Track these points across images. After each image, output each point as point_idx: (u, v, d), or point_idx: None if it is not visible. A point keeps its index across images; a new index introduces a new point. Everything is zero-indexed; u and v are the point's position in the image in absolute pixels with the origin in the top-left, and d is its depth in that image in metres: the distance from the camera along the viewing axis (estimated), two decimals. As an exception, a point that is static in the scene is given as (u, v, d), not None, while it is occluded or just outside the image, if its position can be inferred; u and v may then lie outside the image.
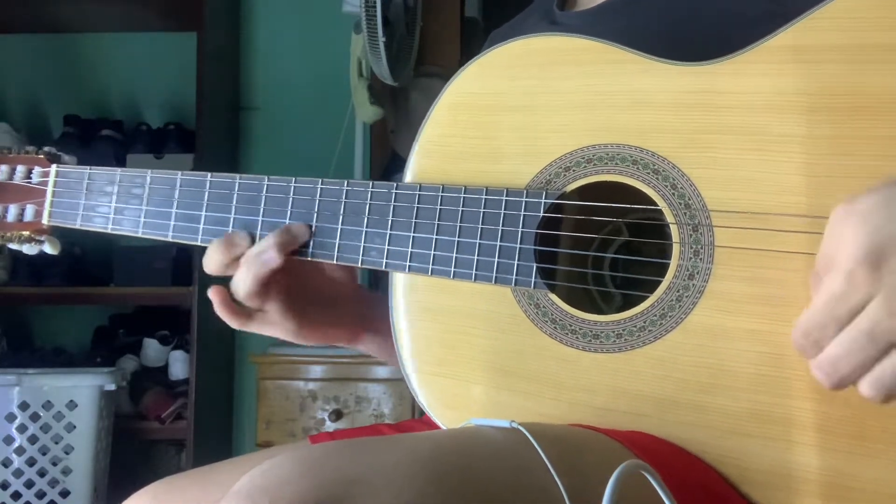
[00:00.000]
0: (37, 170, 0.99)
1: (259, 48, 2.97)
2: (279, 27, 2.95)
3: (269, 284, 0.87)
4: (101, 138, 2.82)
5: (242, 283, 0.86)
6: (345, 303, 0.94)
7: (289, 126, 2.91)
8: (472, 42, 2.70)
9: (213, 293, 0.87)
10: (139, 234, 0.94)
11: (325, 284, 0.93)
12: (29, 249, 1.01)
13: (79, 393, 2.36)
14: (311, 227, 0.87)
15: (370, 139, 2.67)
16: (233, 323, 0.89)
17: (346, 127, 2.61)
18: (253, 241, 0.88)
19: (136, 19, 2.91)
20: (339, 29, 2.58)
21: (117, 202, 0.95)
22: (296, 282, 0.89)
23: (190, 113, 2.76)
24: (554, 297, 0.77)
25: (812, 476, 0.65)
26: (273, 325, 0.90)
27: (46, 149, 1.01)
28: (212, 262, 0.88)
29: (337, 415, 2.26)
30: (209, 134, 2.65)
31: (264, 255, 0.85)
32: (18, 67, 3.02)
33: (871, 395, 0.58)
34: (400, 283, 0.84)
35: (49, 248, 1.01)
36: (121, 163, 2.71)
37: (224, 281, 0.89)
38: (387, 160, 2.64)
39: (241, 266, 0.87)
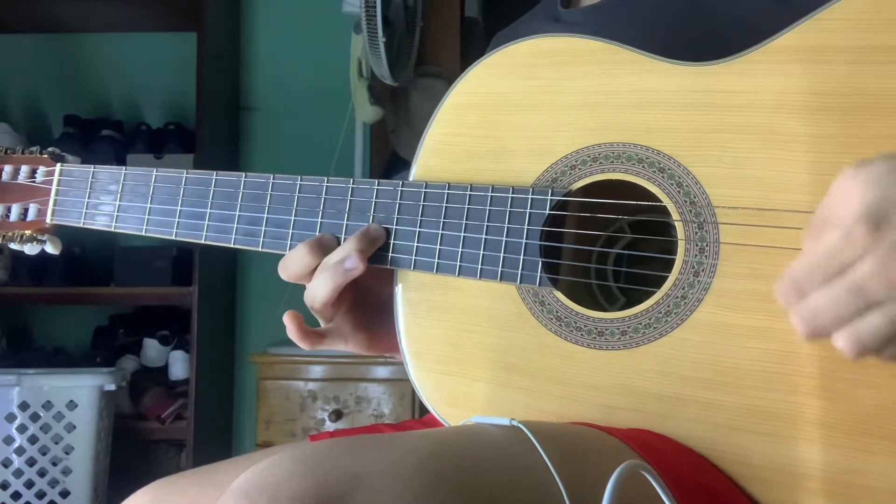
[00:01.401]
0: (41, 169, 1.00)
1: (259, 48, 2.97)
2: (279, 27, 2.95)
3: (341, 295, 0.84)
4: (101, 138, 2.81)
5: (321, 292, 0.82)
6: None
7: (289, 126, 2.90)
8: (472, 42, 2.70)
9: (288, 319, 0.84)
10: (143, 233, 0.93)
11: (384, 291, 0.89)
12: (30, 249, 1.00)
13: (79, 393, 2.35)
14: (388, 230, 0.84)
15: (370, 139, 2.67)
16: (305, 345, 0.85)
17: (346, 127, 2.61)
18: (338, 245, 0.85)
19: (136, 19, 2.91)
20: (339, 29, 2.58)
21: (121, 200, 0.95)
22: (362, 289, 0.87)
23: (190, 113, 2.76)
24: (559, 294, 0.77)
25: (816, 473, 0.65)
26: (345, 337, 0.87)
27: (51, 149, 1.01)
28: (299, 266, 0.84)
29: (337, 415, 2.26)
30: (209, 134, 2.64)
31: (347, 262, 0.81)
32: (18, 67, 3.01)
33: (845, 347, 0.56)
34: (404, 280, 0.84)
35: (51, 248, 1.01)
36: (121, 163, 2.71)
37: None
38: (387, 160, 2.64)
39: (318, 274, 0.83)
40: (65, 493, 2.34)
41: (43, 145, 1.03)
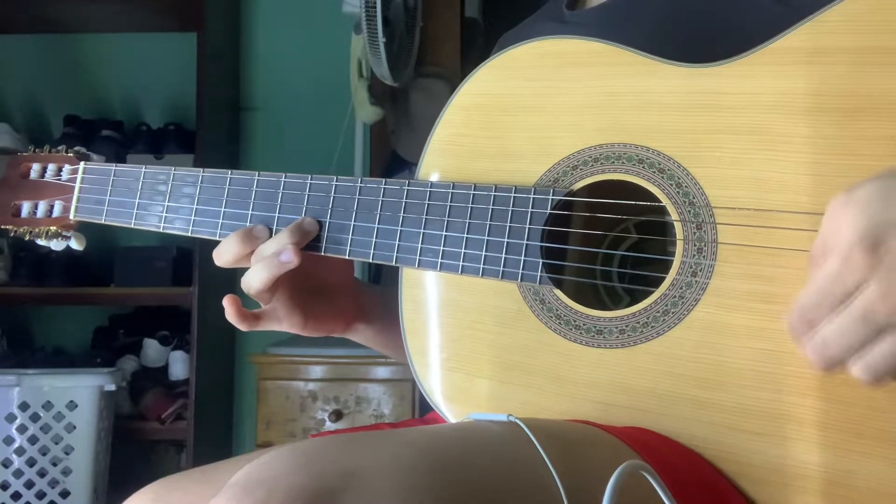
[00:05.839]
0: (66, 167, 1.03)
1: (259, 48, 2.97)
2: (279, 27, 2.95)
3: (278, 282, 0.88)
4: (101, 139, 2.81)
5: (256, 281, 0.87)
6: (343, 293, 0.95)
7: (289, 126, 2.91)
8: (473, 42, 2.70)
9: (228, 302, 0.88)
10: (161, 230, 0.96)
11: (326, 276, 0.93)
12: (56, 245, 1.04)
13: (79, 393, 2.35)
14: (321, 222, 0.88)
15: (370, 139, 2.67)
16: (243, 326, 0.90)
17: (346, 127, 2.61)
18: (271, 235, 0.89)
19: (136, 19, 2.91)
20: (339, 29, 2.58)
21: (141, 198, 0.97)
22: (300, 275, 0.90)
23: (190, 113, 2.76)
24: (559, 293, 0.78)
25: (810, 473, 0.66)
26: (279, 319, 0.91)
27: (77, 148, 1.05)
28: (228, 254, 0.89)
29: (337, 415, 2.26)
30: (209, 134, 2.64)
31: (283, 255, 0.85)
32: (18, 67, 3.01)
33: (862, 376, 0.58)
34: (409, 278, 0.85)
35: (75, 244, 1.05)
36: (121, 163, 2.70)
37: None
38: (387, 160, 2.64)
39: (255, 264, 0.87)
40: (65, 494, 2.34)
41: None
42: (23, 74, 3.01)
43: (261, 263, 0.87)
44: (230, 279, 3.02)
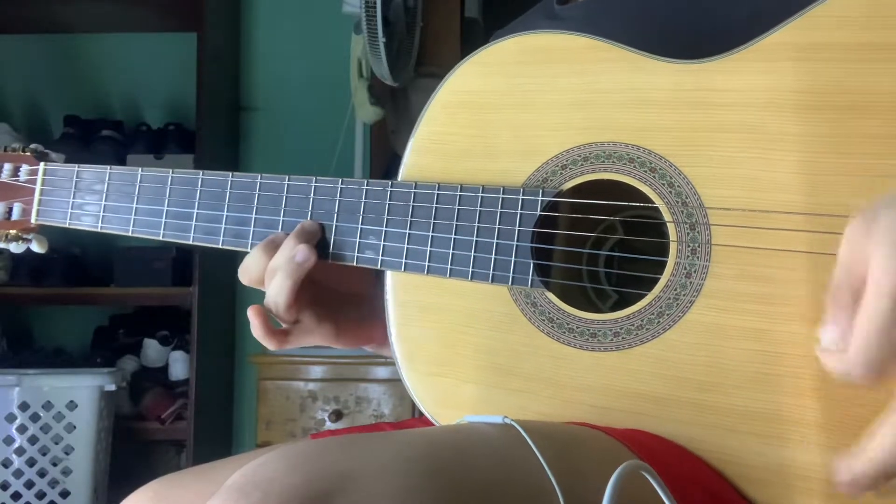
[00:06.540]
0: (24, 168, 0.98)
1: (259, 48, 2.97)
2: (279, 27, 2.95)
3: (299, 292, 0.83)
4: (101, 139, 2.82)
5: (282, 292, 0.82)
6: (371, 299, 0.91)
7: (289, 126, 2.91)
8: (472, 42, 2.70)
9: (252, 313, 0.83)
10: (129, 234, 0.93)
11: (347, 285, 0.90)
12: (16, 248, 0.99)
13: (79, 393, 2.36)
14: (321, 224, 0.85)
15: (370, 139, 2.67)
16: (271, 345, 0.85)
17: (346, 127, 2.61)
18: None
19: (136, 19, 2.92)
20: (339, 29, 2.59)
21: (107, 200, 0.93)
22: (320, 285, 0.87)
23: (190, 113, 2.77)
24: (551, 295, 0.77)
25: (810, 473, 0.65)
26: (311, 333, 0.86)
27: (33, 146, 1.00)
28: (256, 269, 0.85)
29: (337, 415, 2.26)
30: (209, 134, 2.65)
31: (297, 256, 0.82)
32: (18, 67, 3.02)
33: None
34: (395, 282, 0.84)
35: (37, 247, 1.00)
36: (121, 163, 2.71)
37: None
38: (387, 160, 2.64)
39: (271, 280, 0.83)
40: (65, 494, 2.34)
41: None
42: (23, 74, 3.02)
43: (278, 274, 0.82)
44: (230, 279, 3.01)
